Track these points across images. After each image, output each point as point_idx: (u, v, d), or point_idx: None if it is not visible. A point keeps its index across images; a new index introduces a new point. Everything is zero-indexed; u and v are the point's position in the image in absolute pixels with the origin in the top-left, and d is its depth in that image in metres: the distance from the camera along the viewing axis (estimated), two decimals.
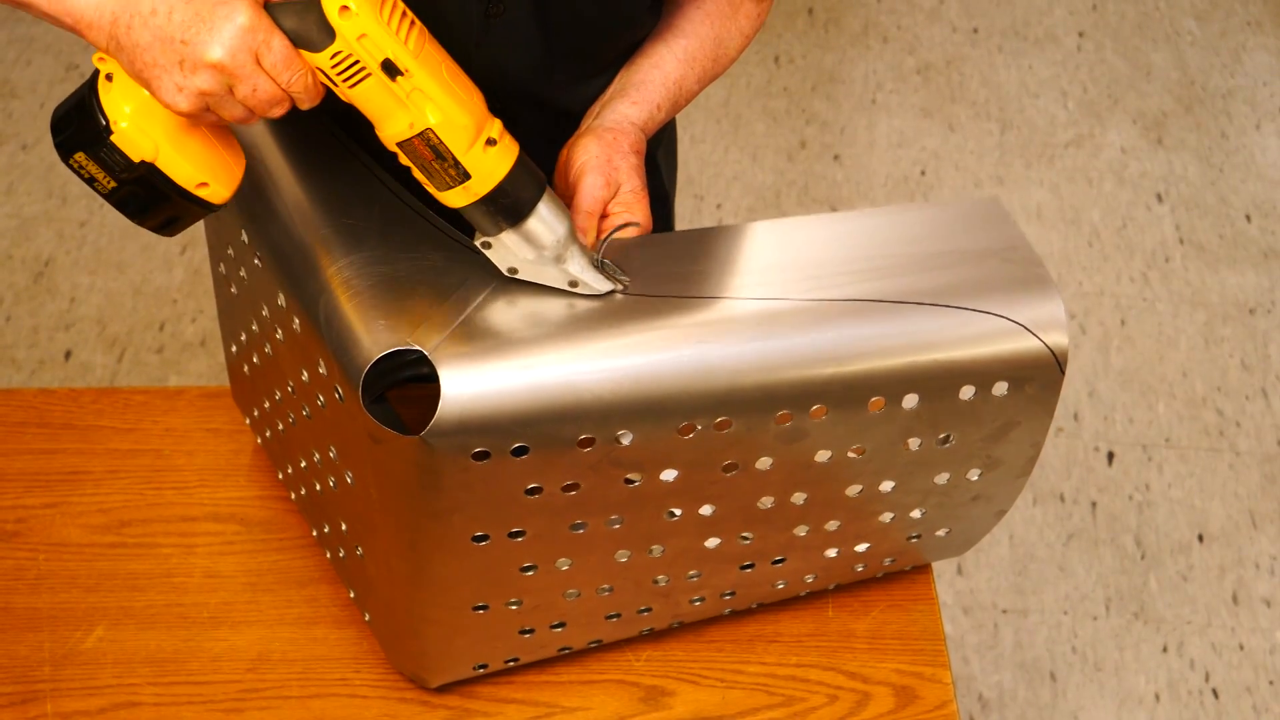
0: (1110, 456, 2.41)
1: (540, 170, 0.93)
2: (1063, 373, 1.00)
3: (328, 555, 1.16)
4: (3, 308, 2.55)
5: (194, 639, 1.12)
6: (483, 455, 0.88)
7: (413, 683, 1.10)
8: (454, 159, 0.88)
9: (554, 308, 0.93)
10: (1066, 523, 2.31)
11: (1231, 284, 2.72)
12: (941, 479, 1.05)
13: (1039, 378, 0.99)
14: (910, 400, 0.97)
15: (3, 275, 2.61)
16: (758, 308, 0.94)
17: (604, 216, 1.00)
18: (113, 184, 0.89)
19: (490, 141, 0.88)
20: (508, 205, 0.90)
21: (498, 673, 1.10)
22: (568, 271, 0.93)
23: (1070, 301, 2.66)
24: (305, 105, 0.88)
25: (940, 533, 1.13)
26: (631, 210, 1.01)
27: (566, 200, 1.00)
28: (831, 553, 1.10)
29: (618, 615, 1.07)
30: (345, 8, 0.83)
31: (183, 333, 2.52)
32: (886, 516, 1.07)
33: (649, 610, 1.08)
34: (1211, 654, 2.14)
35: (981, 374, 0.98)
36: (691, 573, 1.05)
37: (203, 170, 0.90)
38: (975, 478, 1.06)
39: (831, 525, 1.06)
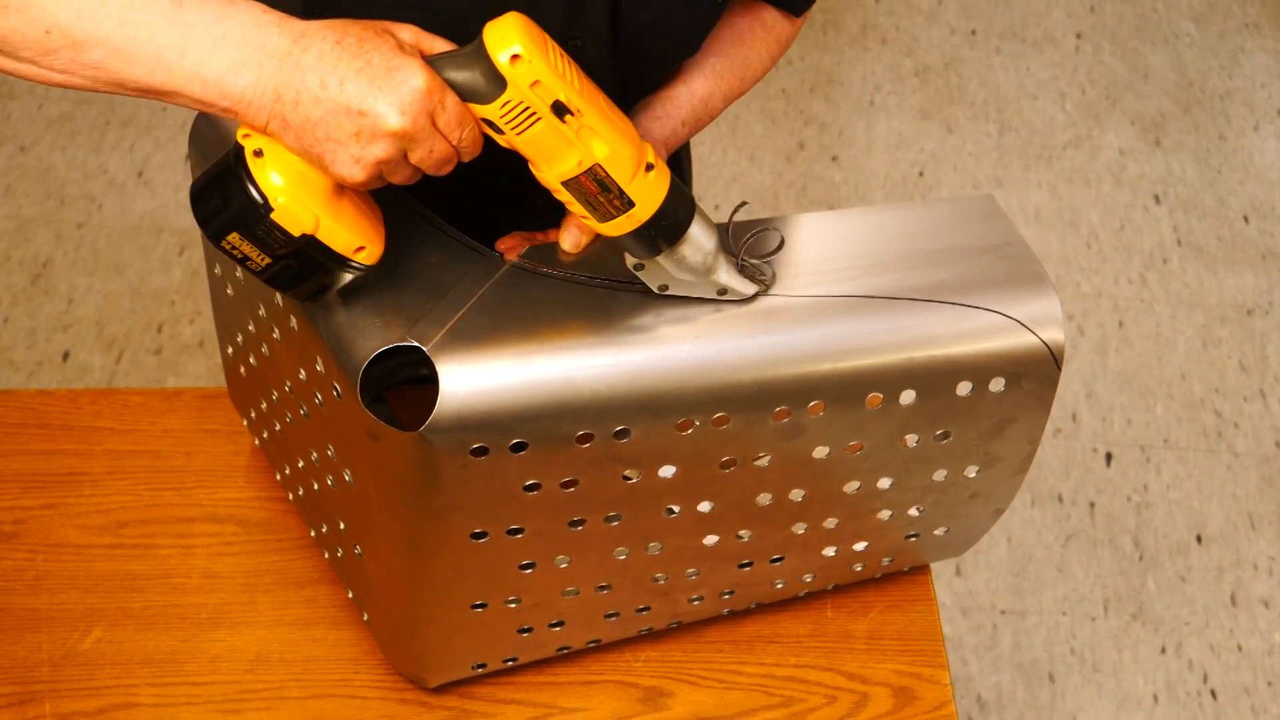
0: (1108, 457, 2.41)
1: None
2: (1059, 368, 1.00)
3: (326, 555, 1.16)
4: (1, 309, 2.55)
5: (192, 640, 1.12)
6: (481, 451, 0.88)
7: (411, 683, 1.10)
8: (619, 189, 0.87)
9: (552, 304, 0.93)
10: (1065, 524, 2.31)
11: (1229, 285, 2.72)
12: (939, 476, 1.05)
13: (1035, 373, 0.99)
14: (908, 396, 0.97)
15: (1, 277, 2.61)
16: (755, 304, 0.95)
17: None
18: (267, 260, 0.86)
19: (649, 167, 0.88)
20: (667, 227, 0.90)
21: (496, 673, 1.10)
22: (716, 281, 0.93)
23: (1068, 303, 2.66)
24: (468, 159, 0.86)
25: (938, 531, 1.12)
26: None
27: None
28: (830, 551, 1.10)
29: (616, 614, 1.07)
30: (516, 56, 0.80)
31: (181, 334, 2.52)
32: (884, 514, 1.07)
33: (647, 609, 1.08)
34: (1210, 655, 2.14)
35: (978, 369, 0.98)
36: (690, 571, 1.05)
37: (359, 235, 0.87)
38: (973, 475, 1.06)
39: (830, 523, 1.06)
